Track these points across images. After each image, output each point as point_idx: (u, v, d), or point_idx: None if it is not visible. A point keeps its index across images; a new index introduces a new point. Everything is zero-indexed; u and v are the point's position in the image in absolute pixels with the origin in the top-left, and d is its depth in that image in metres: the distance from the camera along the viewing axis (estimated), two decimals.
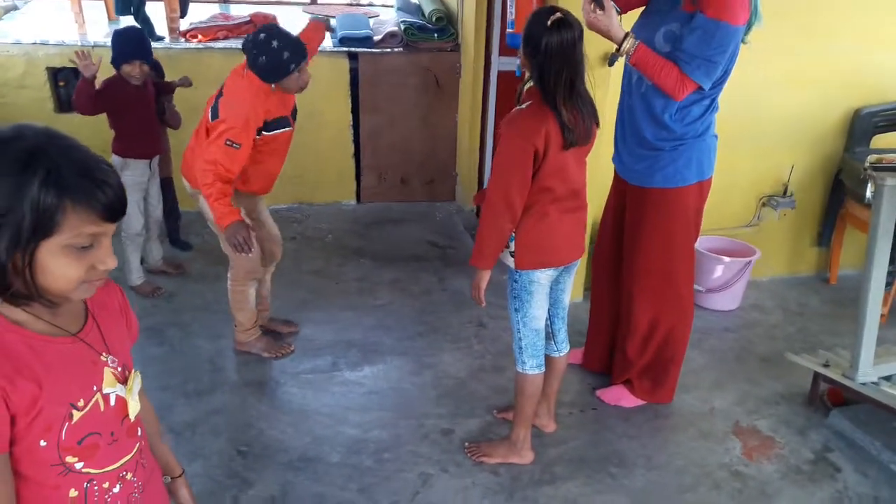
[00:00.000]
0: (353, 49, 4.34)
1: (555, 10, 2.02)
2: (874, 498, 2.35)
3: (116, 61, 3.12)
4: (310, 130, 4.44)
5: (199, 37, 4.09)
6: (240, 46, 4.08)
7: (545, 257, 2.21)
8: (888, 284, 3.47)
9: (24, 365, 0.96)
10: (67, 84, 3.99)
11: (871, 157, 2.50)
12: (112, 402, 1.07)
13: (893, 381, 2.66)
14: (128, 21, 4.24)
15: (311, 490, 2.27)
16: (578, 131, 2.07)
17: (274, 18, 4.48)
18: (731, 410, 2.79)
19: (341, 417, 2.62)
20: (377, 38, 4.38)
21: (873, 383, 2.62)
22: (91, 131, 2.91)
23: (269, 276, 3.10)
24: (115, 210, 0.94)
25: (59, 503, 1.03)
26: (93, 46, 3.85)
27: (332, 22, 4.73)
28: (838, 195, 3.78)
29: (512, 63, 4.10)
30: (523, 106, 2.11)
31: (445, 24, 4.45)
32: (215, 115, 2.58)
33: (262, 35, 2.57)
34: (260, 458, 2.40)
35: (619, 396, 2.79)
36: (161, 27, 4.23)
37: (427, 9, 4.53)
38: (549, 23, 1.99)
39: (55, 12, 4.65)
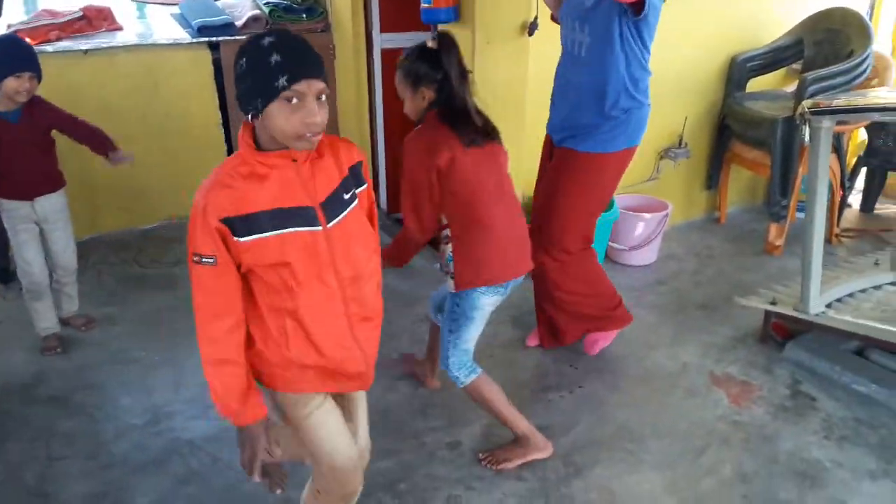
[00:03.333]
0: (213, 38, 3.87)
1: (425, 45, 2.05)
2: (855, 419, 2.52)
3: None
4: (174, 134, 3.96)
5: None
6: (79, 47, 3.55)
7: (486, 273, 2.13)
8: (782, 217, 3.77)
9: None
10: None
11: (807, 103, 2.63)
12: None
13: (834, 307, 2.88)
14: None
15: None
16: (478, 136, 2.07)
17: (109, 11, 3.86)
18: (700, 363, 2.87)
19: None
20: (239, 23, 3.94)
21: (823, 312, 2.82)
22: None
23: None
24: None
25: None
26: None
27: (176, 10, 4.21)
28: (724, 139, 4.01)
29: (396, 39, 3.89)
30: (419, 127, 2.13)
31: (313, 4, 4.09)
32: None
33: None
34: None
35: (594, 342, 2.89)
36: None
37: None
38: (422, 53, 2.06)
39: None
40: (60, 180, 2.82)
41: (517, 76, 3.07)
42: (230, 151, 4.12)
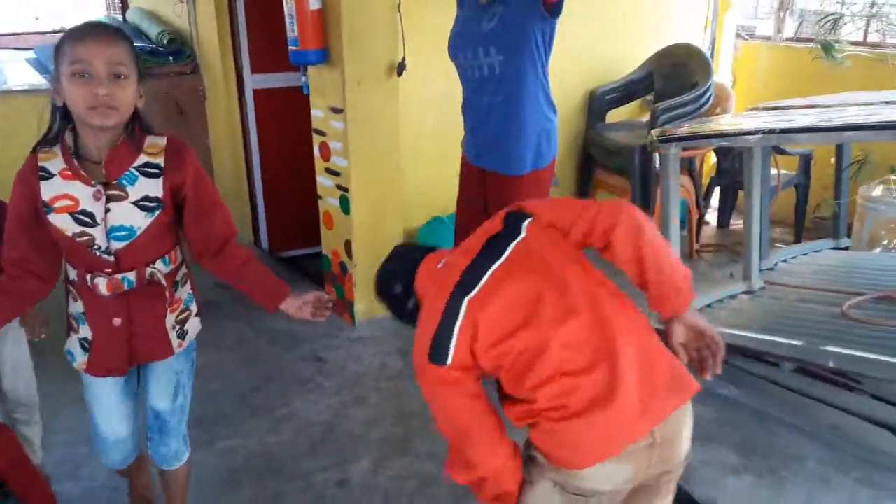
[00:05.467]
0: None
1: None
2: (718, 420, 2.71)
3: None
4: None
5: None
6: None
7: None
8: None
9: None
10: None
11: (655, 132, 2.85)
12: None
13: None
14: None
15: None
16: None
17: None
18: None
19: None
20: None
21: None
22: None
23: None
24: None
25: None
26: None
27: (31, 55, 4.05)
28: (588, 167, 4.26)
29: (269, 80, 3.90)
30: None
31: (180, 46, 4.03)
32: None
33: None
34: None
35: None
36: None
37: (152, 31, 4.06)
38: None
39: None
40: None
41: (389, 114, 3.15)
42: None
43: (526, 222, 1.44)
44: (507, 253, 1.38)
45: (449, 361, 1.31)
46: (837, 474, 2.39)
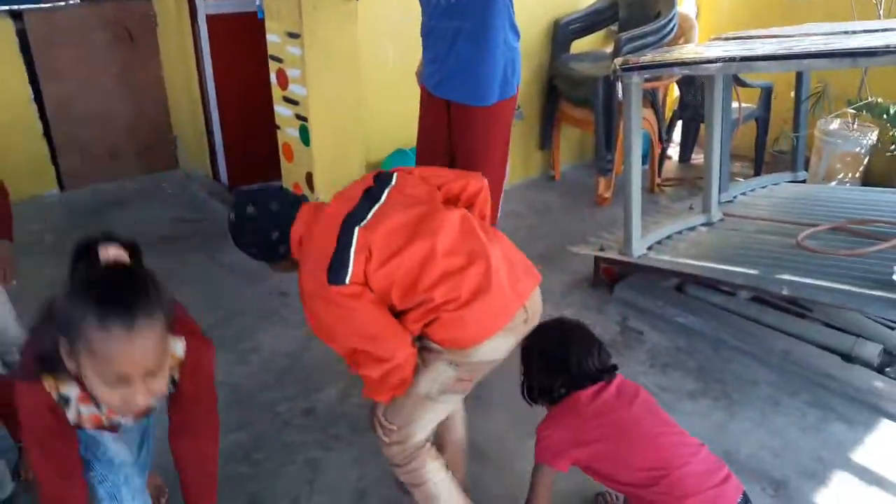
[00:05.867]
0: (14, 6, 3.53)
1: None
2: (676, 348, 2.79)
3: None
4: None
5: None
6: None
7: None
8: (608, 171, 4.04)
9: None
10: None
11: (618, 61, 2.82)
12: None
13: (654, 248, 3.14)
14: None
15: None
16: None
17: None
18: None
19: None
20: None
21: (644, 254, 3.07)
22: None
23: None
24: None
25: None
26: None
27: None
28: (553, 100, 4.22)
29: (222, 5, 3.75)
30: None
31: None
32: None
33: None
34: None
35: None
36: None
37: None
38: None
39: None
40: None
41: (348, 39, 3.05)
42: (46, 129, 3.80)
43: (396, 174, 1.74)
44: (384, 196, 1.65)
45: (348, 280, 1.50)
46: (788, 397, 2.49)
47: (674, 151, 4.79)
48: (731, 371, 2.64)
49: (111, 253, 1.31)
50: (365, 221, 1.57)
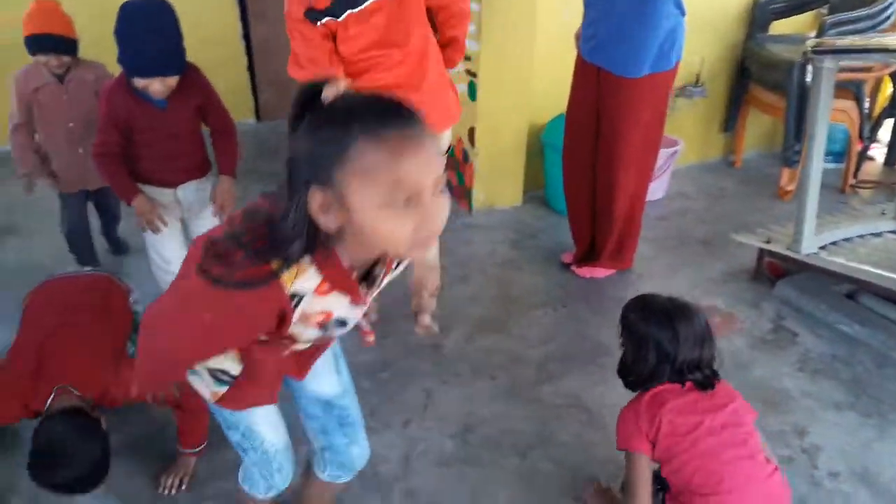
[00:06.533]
0: None
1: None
2: (832, 356, 2.56)
3: None
4: (193, 46, 4.00)
5: None
6: None
7: None
8: (794, 162, 3.74)
9: None
10: None
11: (810, 42, 2.59)
12: None
13: (829, 249, 2.88)
14: None
15: None
16: None
17: None
18: (688, 294, 2.90)
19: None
20: None
21: (815, 253, 2.83)
22: None
23: None
24: None
25: None
26: None
27: None
28: (743, 81, 3.96)
29: None
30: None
31: None
32: None
33: None
34: None
35: (592, 271, 2.96)
36: None
37: None
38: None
39: None
40: (207, 165, 2.40)
41: None
42: (250, 64, 4.17)
43: None
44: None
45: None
46: None
47: (880, 153, 4.33)
48: (890, 389, 2.38)
49: (341, 86, 1.00)
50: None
